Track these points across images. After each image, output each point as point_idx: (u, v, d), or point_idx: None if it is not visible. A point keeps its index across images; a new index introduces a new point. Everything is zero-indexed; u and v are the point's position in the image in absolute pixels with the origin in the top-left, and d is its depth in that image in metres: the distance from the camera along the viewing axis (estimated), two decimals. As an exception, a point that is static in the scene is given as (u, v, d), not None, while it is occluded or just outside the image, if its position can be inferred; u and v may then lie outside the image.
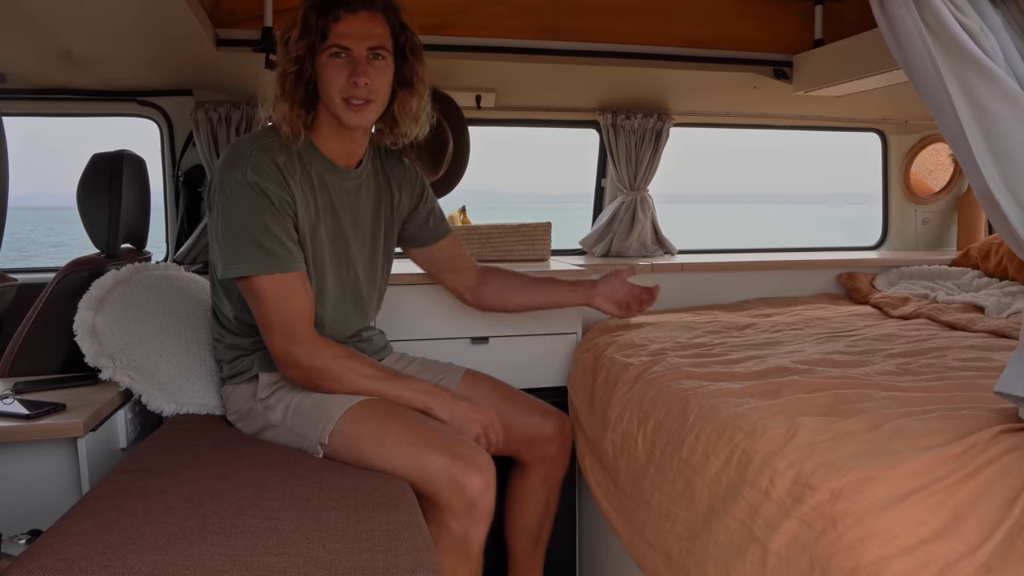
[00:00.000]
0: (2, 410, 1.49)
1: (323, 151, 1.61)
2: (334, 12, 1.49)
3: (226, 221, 1.50)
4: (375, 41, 1.52)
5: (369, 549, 1.09)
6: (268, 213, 1.49)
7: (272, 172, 1.50)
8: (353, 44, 1.51)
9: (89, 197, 1.94)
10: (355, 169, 1.67)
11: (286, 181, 1.52)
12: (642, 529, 1.56)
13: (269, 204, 1.49)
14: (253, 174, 1.48)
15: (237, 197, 1.49)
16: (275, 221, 1.49)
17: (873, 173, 3.37)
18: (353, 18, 1.50)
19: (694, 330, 2.17)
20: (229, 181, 1.49)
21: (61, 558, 1.01)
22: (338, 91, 1.51)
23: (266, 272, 1.49)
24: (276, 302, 1.50)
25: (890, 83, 2.23)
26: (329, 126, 1.59)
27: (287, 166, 1.53)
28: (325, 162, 1.61)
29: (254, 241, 1.48)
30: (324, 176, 1.61)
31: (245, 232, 1.48)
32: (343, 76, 1.50)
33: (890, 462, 1.11)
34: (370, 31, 1.52)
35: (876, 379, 1.55)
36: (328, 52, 1.50)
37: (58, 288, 1.87)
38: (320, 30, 1.49)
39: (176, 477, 1.33)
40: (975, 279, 2.68)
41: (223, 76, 2.36)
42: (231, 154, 1.52)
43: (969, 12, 1.11)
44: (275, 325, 1.51)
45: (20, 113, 2.54)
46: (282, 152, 1.54)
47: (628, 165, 2.82)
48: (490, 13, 2.30)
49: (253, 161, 1.49)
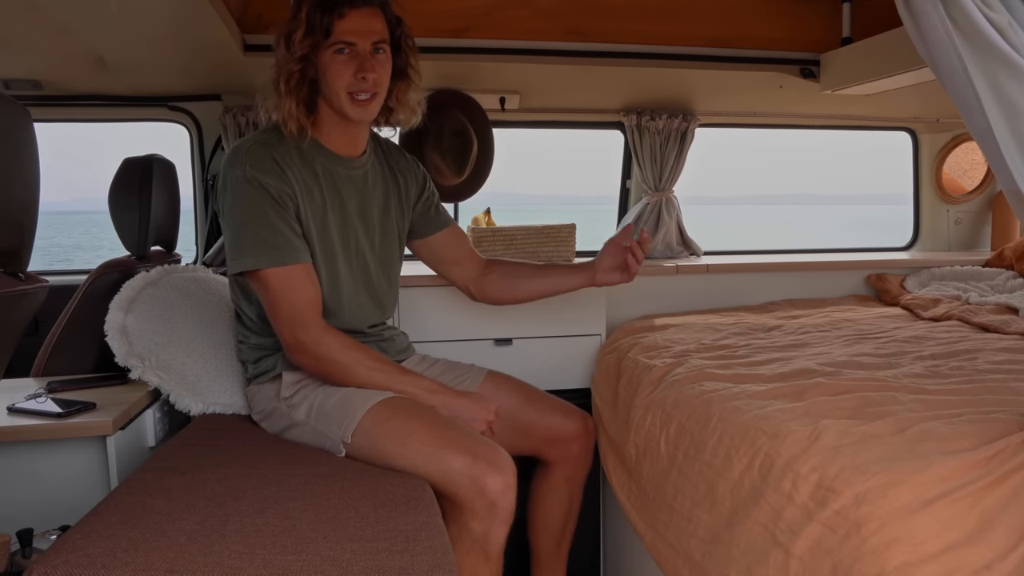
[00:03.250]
0: (35, 408, 1.54)
1: (326, 145, 1.64)
2: (339, 9, 1.52)
3: (230, 218, 1.55)
4: (377, 36, 1.56)
5: (386, 549, 1.10)
6: (269, 207, 1.52)
7: (269, 166, 1.54)
8: (358, 39, 1.54)
9: (120, 200, 1.98)
10: (359, 158, 1.69)
11: (284, 173, 1.55)
12: (664, 532, 1.55)
13: (269, 198, 1.52)
14: (252, 169, 1.52)
15: (237, 193, 1.53)
16: (276, 214, 1.53)
17: (905, 173, 3.30)
18: (356, 14, 1.53)
19: (719, 332, 2.15)
20: (230, 178, 1.54)
21: (84, 553, 1.03)
22: (344, 86, 1.55)
23: (270, 264, 1.52)
24: (283, 292, 1.54)
25: (920, 81, 2.18)
26: (330, 121, 1.62)
27: (284, 159, 1.56)
28: (329, 154, 1.64)
29: (257, 235, 1.52)
30: (328, 167, 1.63)
31: (248, 227, 1.52)
32: (349, 71, 1.54)
33: (916, 466, 1.09)
34: (372, 26, 1.55)
35: (903, 382, 1.52)
36: (333, 48, 1.53)
37: (90, 290, 1.91)
38: (324, 28, 1.51)
39: (200, 475, 1.35)
40: (1009, 280, 2.61)
41: (251, 81, 2.39)
42: (231, 153, 1.57)
43: (997, 7, 1.09)
44: (283, 314, 1.55)
45: (54, 119, 2.60)
46: (280, 146, 1.57)
47: (653, 166, 2.80)
48: (513, 16, 2.30)
49: (251, 157, 1.53)
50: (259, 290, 1.58)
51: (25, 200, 1.13)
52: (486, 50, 2.30)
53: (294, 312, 1.55)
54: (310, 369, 1.60)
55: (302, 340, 1.55)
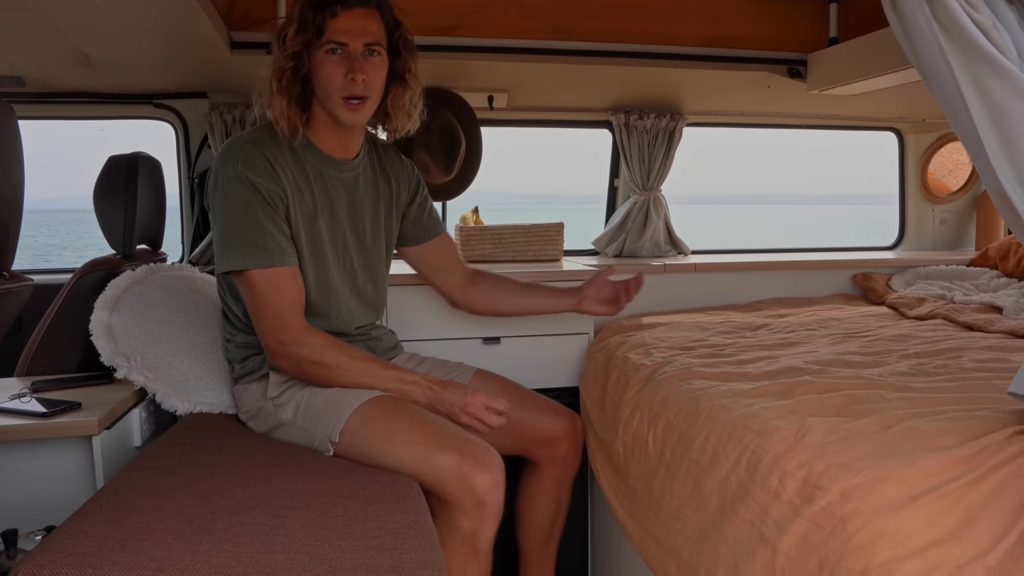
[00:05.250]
0: (20, 408, 1.52)
1: (319, 146, 1.63)
2: (331, 8, 1.50)
3: (219, 217, 1.54)
4: (371, 37, 1.54)
5: (375, 547, 1.10)
6: (258, 207, 1.51)
7: (262, 165, 1.52)
8: (350, 40, 1.52)
9: (105, 198, 1.97)
10: (352, 160, 1.68)
11: (276, 174, 1.54)
12: (652, 530, 1.56)
13: (260, 198, 1.51)
14: (244, 169, 1.51)
15: (228, 192, 1.52)
16: (265, 215, 1.52)
17: (891, 173, 3.33)
18: (350, 14, 1.52)
19: (707, 331, 2.16)
20: (221, 177, 1.53)
21: (71, 553, 1.02)
22: (336, 89, 1.53)
23: (257, 265, 1.51)
24: (267, 294, 1.53)
25: (906, 81, 2.20)
26: (324, 122, 1.61)
27: (277, 159, 1.55)
28: (321, 156, 1.63)
29: (245, 236, 1.51)
30: (320, 169, 1.62)
31: (237, 227, 1.51)
32: (340, 72, 1.52)
33: (901, 463, 1.10)
34: (366, 27, 1.53)
35: (889, 380, 1.53)
36: (325, 48, 1.52)
37: (75, 288, 1.90)
38: (317, 26, 1.50)
39: (187, 474, 1.34)
40: (993, 279, 2.64)
41: (237, 78, 2.38)
42: (223, 151, 1.56)
43: (982, 8, 1.10)
44: (266, 316, 1.54)
45: (38, 117, 2.57)
46: (273, 145, 1.56)
47: (641, 165, 2.81)
48: (502, 14, 2.30)
49: (243, 156, 1.52)
50: (244, 290, 1.57)
51: (9, 198, 1.13)
52: (474, 48, 2.30)
53: (276, 313, 1.54)
54: (292, 372, 1.58)
55: (283, 341, 1.54)
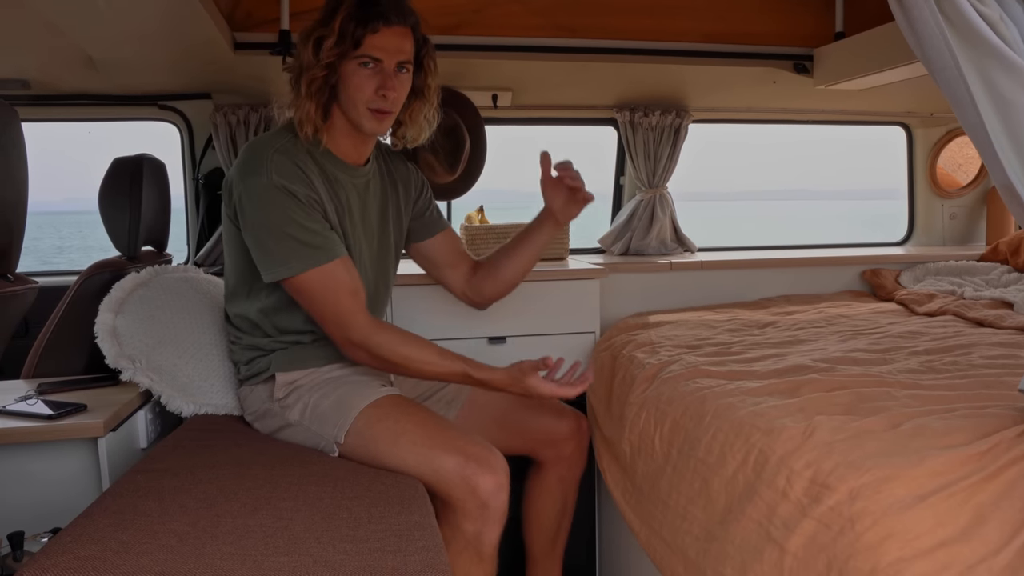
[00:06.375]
0: (26, 410, 1.52)
1: (334, 151, 1.62)
2: (373, 24, 1.50)
3: (261, 226, 1.51)
4: (404, 56, 1.55)
5: (379, 549, 1.09)
6: (298, 210, 1.51)
7: (296, 173, 1.52)
8: (385, 57, 1.53)
9: (110, 200, 1.96)
10: (363, 167, 1.68)
11: (310, 180, 1.54)
12: (659, 529, 1.55)
13: (298, 202, 1.51)
14: (279, 177, 1.50)
15: (267, 202, 1.50)
16: (306, 217, 1.51)
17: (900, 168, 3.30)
18: (389, 32, 1.52)
19: (713, 328, 2.15)
20: (254, 186, 1.50)
21: (75, 556, 1.02)
22: (364, 101, 1.53)
23: (312, 266, 1.51)
24: (324, 294, 1.52)
25: (913, 75, 2.19)
26: (342, 129, 1.61)
27: (306, 165, 1.55)
28: (336, 161, 1.62)
29: (294, 240, 1.50)
30: (336, 174, 1.62)
31: (283, 233, 1.50)
32: (371, 86, 1.52)
33: (910, 461, 1.09)
34: (401, 46, 1.54)
35: (898, 377, 1.52)
36: (358, 61, 1.52)
37: (80, 291, 1.90)
38: (355, 39, 1.50)
39: (192, 476, 1.34)
40: (1004, 274, 2.62)
41: (241, 79, 2.38)
42: (249, 159, 1.53)
43: (988, 1, 1.09)
44: (328, 319, 1.54)
45: (43, 119, 2.58)
46: (299, 152, 1.55)
47: (646, 163, 2.80)
48: (505, 12, 2.29)
49: (275, 164, 1.51)
50: (300, 295, 1.55)
51: (13, 200, 1.13)
52: (478, 47, 2.29)
53: (338, 314, 1.53)
54: (370, 364, 1.59)
55: (353, 341, 1.54)
